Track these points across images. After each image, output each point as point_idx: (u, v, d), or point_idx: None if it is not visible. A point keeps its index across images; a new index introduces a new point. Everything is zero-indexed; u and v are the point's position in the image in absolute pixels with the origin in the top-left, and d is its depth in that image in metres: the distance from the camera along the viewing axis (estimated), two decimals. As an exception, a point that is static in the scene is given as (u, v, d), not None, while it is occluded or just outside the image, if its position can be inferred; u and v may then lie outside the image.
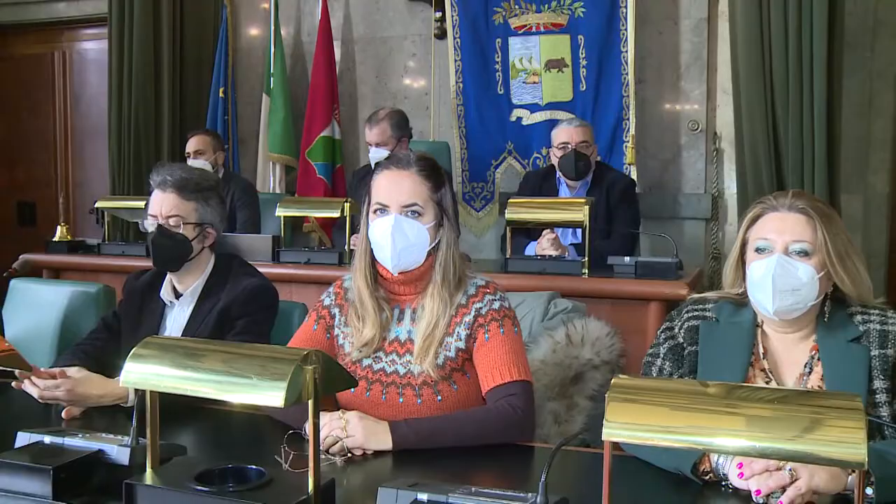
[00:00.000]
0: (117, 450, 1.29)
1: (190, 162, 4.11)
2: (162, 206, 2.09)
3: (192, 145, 4.19)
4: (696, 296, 1.69)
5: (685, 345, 1.60)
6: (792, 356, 1.57)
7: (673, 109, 4.38)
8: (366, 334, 1.73)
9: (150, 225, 2.11)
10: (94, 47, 5.59)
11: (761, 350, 1.58)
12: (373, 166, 3.79)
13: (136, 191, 4.85)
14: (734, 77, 3.81)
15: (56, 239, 3.97)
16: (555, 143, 3.62)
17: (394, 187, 1.72)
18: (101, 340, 2.11)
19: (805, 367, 1.55)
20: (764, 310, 1.55)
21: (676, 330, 1.63)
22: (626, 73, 4.19)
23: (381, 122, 3.77)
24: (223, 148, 4.35)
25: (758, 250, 1.57)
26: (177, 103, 5.06)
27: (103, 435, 1.35)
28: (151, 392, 1.16)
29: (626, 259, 3.00)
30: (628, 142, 4.21)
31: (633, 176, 4.09)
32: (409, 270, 1.73)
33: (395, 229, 1.69)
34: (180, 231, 2.08)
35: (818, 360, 1.54)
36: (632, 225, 3.52)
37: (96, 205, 3.92)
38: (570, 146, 3.54)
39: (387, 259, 1.71)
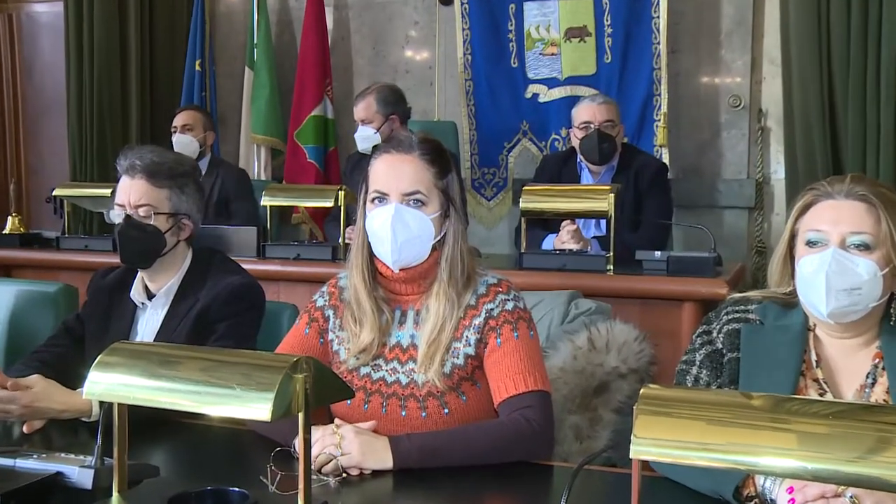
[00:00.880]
0: (79, 472, 1.29)
1: (176, 137, 4.16)
2: (130, 195, 2.09)
3: (180, 119, 4.24)
4: (737, 295, 1.69)
5: (725, 351, 1.59)
6: (851, 365, 1.56)
7: (711, 83, 4.37)
8: (363, 339, 1.74)
9: (116, 216, 2.11)
10: (46, 10, 5.55)
11: (814, 358, 1.57)
12: (358, 145, 3.81)
13: (100, 177, 4.85)
14: (784, 44, 3.79)
15: (6, 231, 3.98)
16: (576, 122, 3.61)
17: (393, 173, 1.72)
18: (61, 347, 2.11)
19: (867, 377, 1.54)
20: (816, 312, 1.54)
21: (715, 334, 1.62)
22: (658, 43, 4.18)
23: (368, 95, 3.82)
24: (213, 128, 4.38)
25: (809, 243, 1.56)
26: (146, 77, 5.06)
27: (62, 455, 1.35)
28: (119, 405, 1.16)
29: (657, 254, 2.99)
30: (659, 121, 4.20)
31: (665, 160, 4.08)
32: (411, 266, 1.74)
33: (395, 220, 1.69)
34: (151, 222, 2.08)
35: (883, 369, 1.53)
36: (663, 215, 3.51)
37: (54, 192, 3.93)
38: (592, 126, 3.53)
39: (386, 254, 1.71)
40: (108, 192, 3.50)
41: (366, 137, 3.78)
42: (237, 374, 1.08)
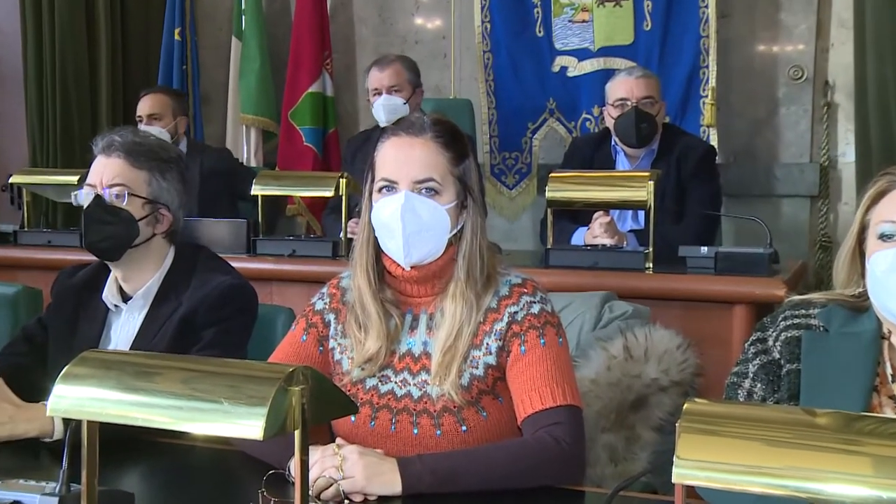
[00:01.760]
0: (40, 500, 1.29)
1: (142, 129, 4.14)
2: (104, 173, 2.10)
3: (145, 107, 4.23)
4: (796, 298, 1.68)
5: (783, 362, 1.59)
6: (935, 380, 1.55)
7: (769, 52, 4.34)
8: (369, 347, 1.75)
9: (85, 196, 2.11)
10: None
11: (889, 371, 1.56)
12: (381, 117, 3.79)
13: (64, 163, 4.82)
14: (857, 4, 3.74)
15: (-45, 224, 4.00)
16: (610, 99, 3.61)
17: (403, 158, 1.74)
18: (20, 356, 2.12)
19: (955, 394, 1.53)
20: (892, 317, 1.53)
21: (771, 342, 1.62)
22: (706, 6, 4.16)
23: (394, 62, 3.85)
24: (186, 112, 4.38)
25: (883, 237, 1.55)
26: (117, 48, 5.05)
27: (20, 481, 1.35)
28: (89, 422, 1.16)
29: (704, 249, 2.99)
30: (706, 96, 4.18)
31: (713, 142, 4.07)
32: (424, 264, 1.74)
33: (405, 209, 1.70)
34: (125, 206, 2.09)
35: (974, 385, 1.52)
36: (711, 205, 3.50)
37: (11, 180, 3.95)
38: (629, 103, 3.52)
39: (396, 248, 1.72)
40: (74, 178, 3.51)
41: (394, 108, 3.76)
42: (224, 386, 1.08)
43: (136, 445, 1.74)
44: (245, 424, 1.04)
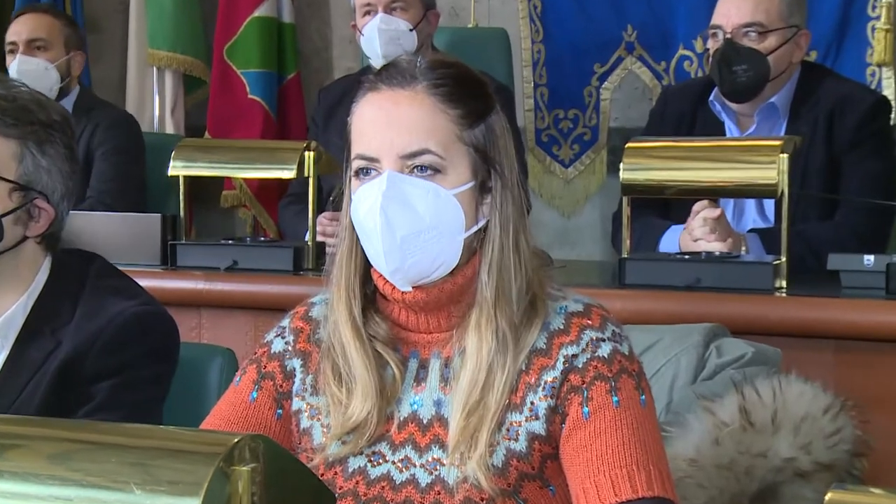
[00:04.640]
0: None
1: (17, 61, 4.14)
2: None
3: (23, 29, 4.19)
4: None
5: None
6: None
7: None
8: (354, 412, 1.76)
9: None
10: None
11: None
12: (371, 48, 3.81)
13: None
14: None
15: None
16: (709, 30, 3.59)
17: (385, 122, 1.75)
18: None
19: None
20: None
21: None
22: None
23: None
24: (82, 46, 4.34)
25: None
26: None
27: None
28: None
29: (868, 259, 2.98)
30: (878, 18, 4.16)
31: (888, 91, 4.05)
32: (431, 282, 1.76)
33: (388, 200, 1.70)
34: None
35: None
36: (881, 191, 3.49)
37: None
38: (722, 33, 3.50)
39: (378, 258, 1.73)
40: None
41: (394, 36, 3.75)
42: (132, 465, 1.10)
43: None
44: (165, 524, 1.06)
